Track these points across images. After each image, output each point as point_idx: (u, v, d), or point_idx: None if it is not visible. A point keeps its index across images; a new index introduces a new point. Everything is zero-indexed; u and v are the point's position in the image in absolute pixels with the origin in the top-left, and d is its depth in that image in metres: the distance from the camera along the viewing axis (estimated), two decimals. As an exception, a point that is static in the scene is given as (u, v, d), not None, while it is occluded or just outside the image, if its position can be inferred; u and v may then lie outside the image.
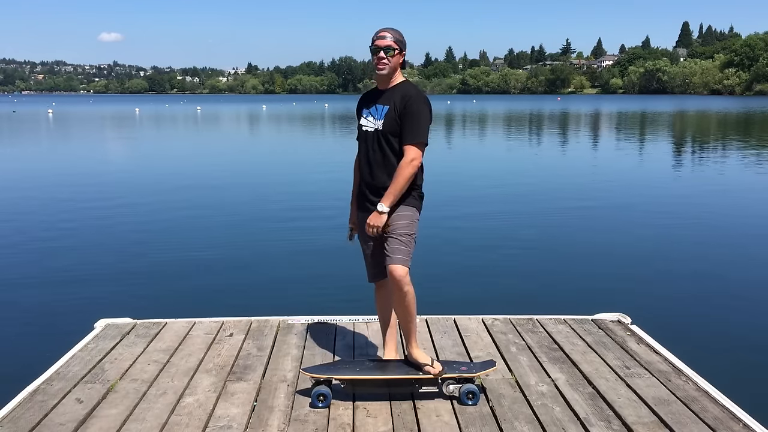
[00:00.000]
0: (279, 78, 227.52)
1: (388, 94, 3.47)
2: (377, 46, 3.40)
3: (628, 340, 4.26)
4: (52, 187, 14.96)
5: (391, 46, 3.39)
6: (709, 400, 3.41)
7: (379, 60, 3.40)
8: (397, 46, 3.41)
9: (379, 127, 3.43)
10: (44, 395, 3.45)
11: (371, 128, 3.47)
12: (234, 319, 4.63)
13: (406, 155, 3.36)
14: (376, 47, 3.41)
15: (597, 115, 55.47)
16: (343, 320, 4.63)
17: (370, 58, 3.46)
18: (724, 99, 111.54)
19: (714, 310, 6.46)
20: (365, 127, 3.50)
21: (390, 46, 3.39)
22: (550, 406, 3.35)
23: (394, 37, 3.41)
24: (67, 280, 7.48)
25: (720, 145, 25.71)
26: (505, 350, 4.08)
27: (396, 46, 3.41)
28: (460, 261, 8.16)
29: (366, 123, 3.50)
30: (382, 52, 3.39)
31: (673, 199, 12.95)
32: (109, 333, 4.39)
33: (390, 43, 3.39)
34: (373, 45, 3.43)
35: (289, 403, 3.38)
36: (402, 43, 3.44)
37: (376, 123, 3.44)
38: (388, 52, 3.40)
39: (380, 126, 3.43)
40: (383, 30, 3.44)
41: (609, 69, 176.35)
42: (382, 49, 3.39)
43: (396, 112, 3.39)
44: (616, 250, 8.80)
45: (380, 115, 3.43)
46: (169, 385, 3.59)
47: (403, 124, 3.38)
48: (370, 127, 3.48)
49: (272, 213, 11.67)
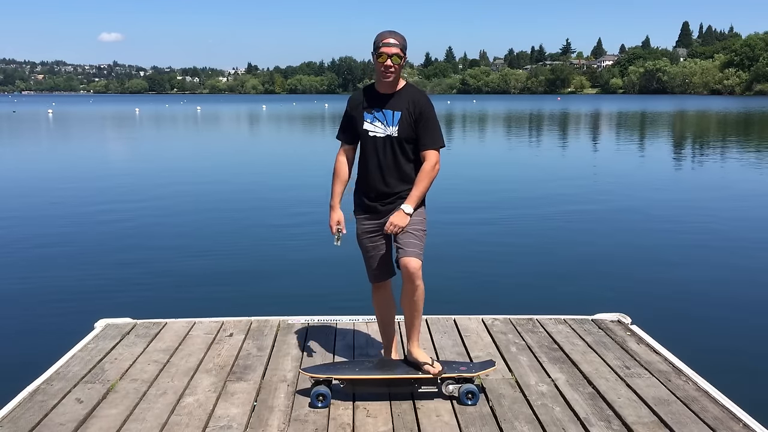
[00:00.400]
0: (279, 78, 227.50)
1: (394, 100, 3.44)
2: (384, 54, 3.34)
3: (628, 340, 4.26)
4: (51, 187, 14.96)
5: (399, 54, 3.35)
6: (709, 400, 3.41)
7: (387, 69, 3.36)
8: (403, 54, 3.38)
9: (393, 133, 3.41)
10: (44, 395, 3.45)
11: (381, 134, 3.43)
12: (234, 319, 4.63)
13: (429, 160, 3.40)
14: (383, 54, 3.35)
15: (597, 116, 55.48)
16: (343, 320, 4.63)
17: (373, 61, 3.42)
18: (724, 99, 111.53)
19: (714, 310, 6.46)
20: (372, 133, 3.45)
21: (398, 54, 3.35)
22: (550, 406, 3.35)
23: (400, 44, 3.36)
24: (67, 280, 7.48)
25: (720, 146, 25.72)
26: (505, 350, 4.08)
27: (403, 53, 3.38)
28: (461, 261, 8.16)
29: (373, 128, 3.45)
30: (390, 60, 3.34)
31: (673, 200, 12.95)
32: (109, 333, 4.39)
33: (398, 51, 3.35)
34: (378, 51, 3.36)
35: (289, 403, 3.38)
36: (407, 48, 3.41)
37: (389, 129, 3.42)
38: (396, 60, 3.35)
39: (394, 132, 3.41)
40: (388, 35, 3.37)
41: (609, 69, 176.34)
42: (390, 57, 3.34)
43: (411, 118, 3.40)
44: (616, 250, 8.80)
45: (393, 122, 3.41)
46: (169, 385, 3.59)
47: (421, 130, 3.40)
48: (379, 133, 3.44)
49: (272, 213, 11.67)
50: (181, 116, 59.16)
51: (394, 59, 3.34)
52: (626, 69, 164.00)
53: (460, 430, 3.12)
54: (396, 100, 3.44)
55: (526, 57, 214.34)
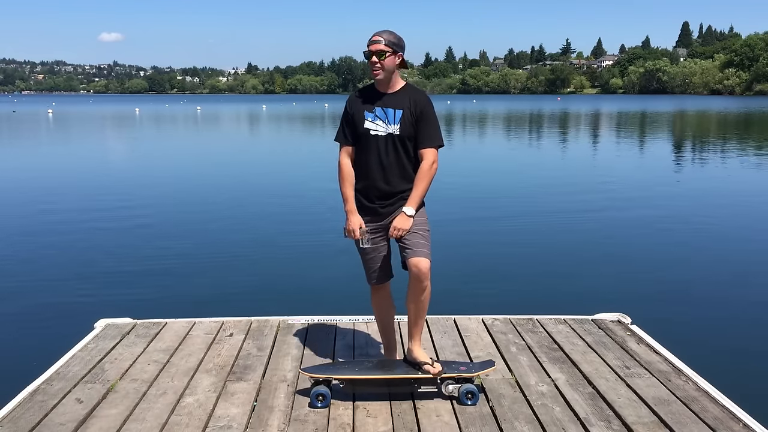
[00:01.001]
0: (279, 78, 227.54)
1: (395, 98, 3.45)
2: (369, 51, 3.39)
3: (628, 340, 4.26)
4: (51, 187, 14.96)
5: (382, 49, 3.36)
6: (709, 400, 3.41)
7: (373, 65, 3.39)
8: (389, 48, 3.38)
9: (395, 131, 3.41)
10: (44, 395, 3.45)
11: (383, 132, 3.43)
12: (234, 319, 4.63)
13: (427, 159, 3.41)
14: (369, 52, 3.40)
15: (597, 115, 55.47)
16: (343, 320, 4.63)
17: None
18: (724, 99, 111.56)
19: (714, 309, 6.46)
20: (374, 131, 3.44)
21: (381, 50, 3.36)
22: (550, 406, 3.35)
23: (386, 40, 3.38)
24: (67, 279, 7.47)
25: (721, 146, 25.71)
26: (505, 350, 4.08)
27: (388, 48, 3.38)
28: (460, 261, 8.15)
29: (374, 127, 3.45)
30: (374, 56, 3.37)
31: (673, 200, 12.94)
32: (109, 333, 4.39)
33: (381, 47, 3.36)
34: (366, 50, 3.42)
35: (289, 403, 3.38)
36: (396, 44, 3.40)
37: (390, 127, 3.42)
38: (381, 56, 3.37)
39: (396, 131, 3.41)
40: (376, 33, 3.42)
41: (609, 69, 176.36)
42: (375, 53, 3.37)
43: (412, 117, 3.41)
44: (616, 250, 8.80)
45: (394, 120, 3.42)
46: (169, 385, 3.59)
47: (420, 129, 3.41)
48: (380, 131, 3.44)
49: (272, 212, 11.66)
50: (181, 116, 59.14)
51: (378, 54, 3.36)
52: (626, 69, 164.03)
53: (460, 430, 3.12)
54: (397, 98, 3.45)
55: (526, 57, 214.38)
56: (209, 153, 23.81)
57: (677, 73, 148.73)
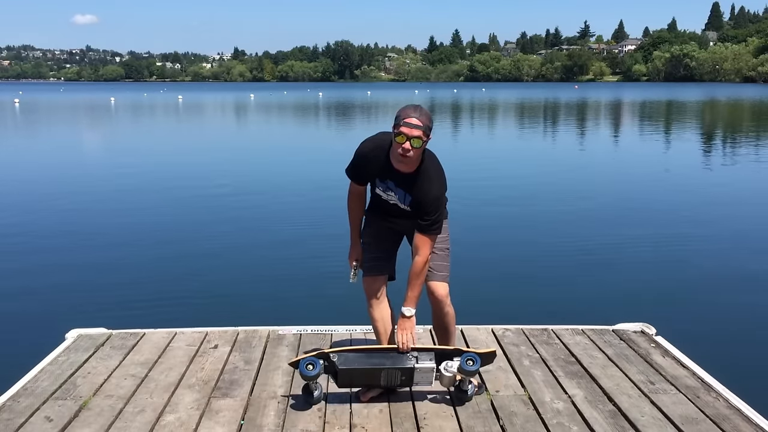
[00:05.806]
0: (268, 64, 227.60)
1: (409, 181, 3.43)
2: (404, 134, 3.23)
3: (653, 353, 4.27)
4: (18, 185, 14.97)
5: (420, 137, 3.25)
6: (741, 418, 3.41)
7: (405, 151, 3.26)
8: (426, 138, 3.28)
9: (407, 209, 3.50)
10: (10, 413, 3.46)
11: (393, 202, 3.54)
12: (219, 330, 4.64)
13: (422, 253, 3.43)
14: (402, 134, 3.24)
15: (618, 105, 55.54)
16: (339, 330, 4.65)
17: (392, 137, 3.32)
18: (758, 87, 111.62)
19: (747, 320, 6.46)
20: (386, 198, 3.55)
21: (419, 137, 3.24)
22: (566, 425, 3.36)
23: (424, 125, 3.25)
24: (35, 286, 7.48)
25: (756, 141, 25.73)
26: (518, 364, 4.09)
27: (425, 137, 3.28)
28: (469, 267, 8.14)
29: (386, 196, 3.54)
30: (409, 143, 3.23)
31: (702, 201, 12.96)
32: (81, 344, 4.39)
33: (419, 134, 3.23)
34: (397, 129, 3.25)
35: (279, 422, 3.38)
36: (431, 128, 3.33)
37: (401, 204, 3.51)
38: (417, 143, 3.25)
39: (408, 209, 3.50)
40: (412, 112, 3.27)
41: (631, 54, 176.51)
42: (410, 139, 3.23)
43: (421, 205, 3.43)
44: (639, 254, 8.80)
45: (405, 202, 3.49)
46: (147, 401, 3.59)
47: (423, 216, 3.42)
48: (392, 201, 3.54)
49: (260, 215, 11.67)
50: (161, 106, 59.20)
51: (414, 142, 3.23)
52: (650, 54, 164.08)
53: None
54: (410, 182, 3.43)
55: (541, 41, 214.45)
56: (191, 149, 23.76)
57: (706, 58, 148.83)
